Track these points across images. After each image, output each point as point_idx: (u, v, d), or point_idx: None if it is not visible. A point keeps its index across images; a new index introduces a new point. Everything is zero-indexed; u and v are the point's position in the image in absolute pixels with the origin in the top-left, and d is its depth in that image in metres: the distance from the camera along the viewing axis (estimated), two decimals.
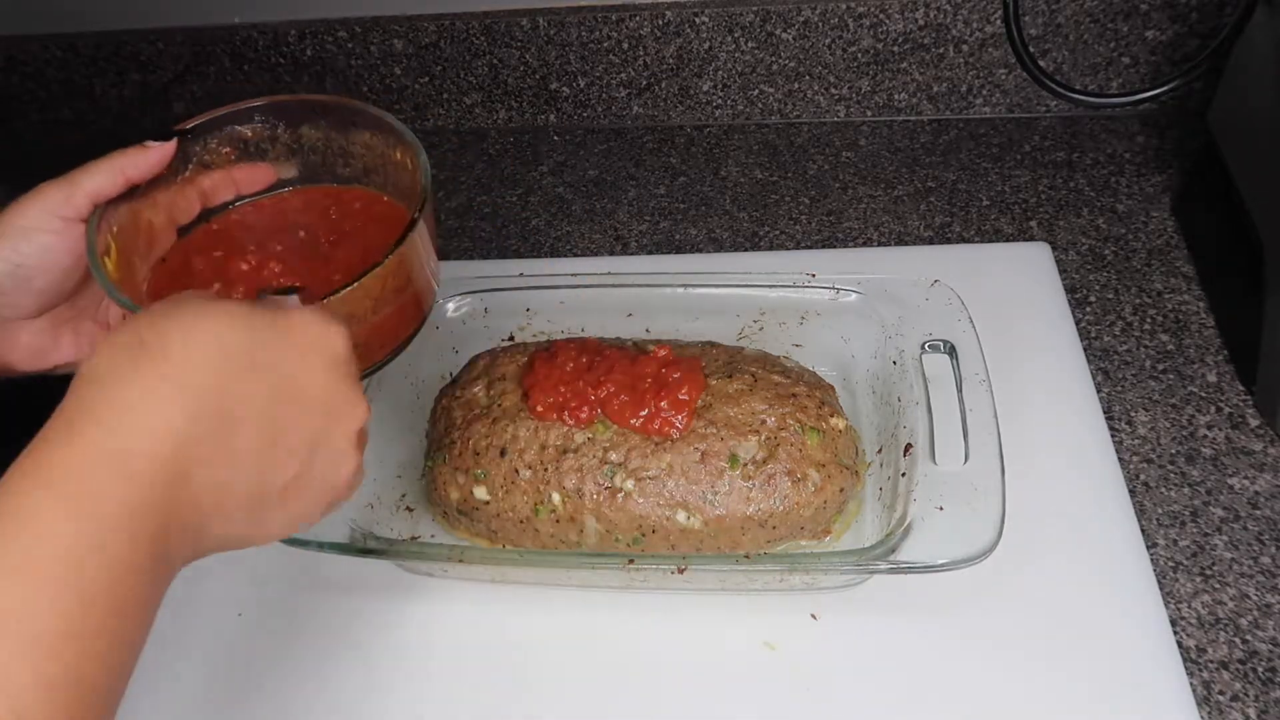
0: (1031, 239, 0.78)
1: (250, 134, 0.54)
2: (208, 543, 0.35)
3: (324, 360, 0.38)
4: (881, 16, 0.86)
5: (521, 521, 0.56)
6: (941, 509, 0.50)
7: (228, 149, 0.53)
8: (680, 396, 0.56)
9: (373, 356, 0.49)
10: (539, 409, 0.57)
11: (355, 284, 0.44)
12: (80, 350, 0.50)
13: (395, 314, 0.48)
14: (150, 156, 0.48)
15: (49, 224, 0.45)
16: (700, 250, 0.83)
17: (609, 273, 0.66)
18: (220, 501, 0.35)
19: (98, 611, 0.30)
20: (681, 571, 0.52)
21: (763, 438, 0.55)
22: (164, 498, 0.32)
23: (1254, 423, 0.63)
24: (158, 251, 0.52)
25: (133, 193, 0.48)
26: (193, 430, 0.33)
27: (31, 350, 0.48)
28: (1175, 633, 0.53)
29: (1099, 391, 0.65)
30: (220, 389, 0.34)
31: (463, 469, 0.57)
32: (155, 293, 0.50)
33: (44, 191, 0.46)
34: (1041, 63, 0.86)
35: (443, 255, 0.53)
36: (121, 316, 0.52)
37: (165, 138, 0.49)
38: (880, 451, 0.59)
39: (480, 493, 0.57)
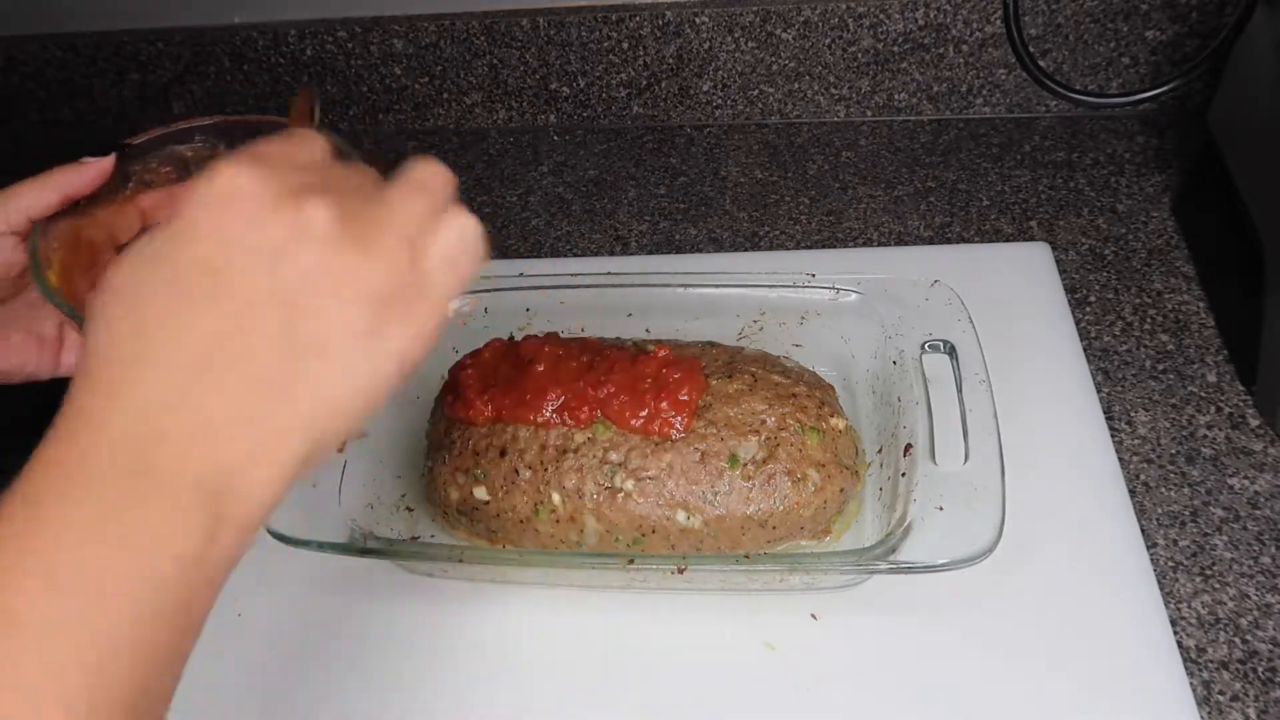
0: (1031, 239, 0.78)
1: (190, 154, 0.53)
2: (239, 461, 0.30)
3: (220, 206, 0.31)
4: (881, 16, 0.86)
5: (521, 522, 0.56)
6: (941, 509, 0.50)
7: (168, 169, 0.53)
8: (681, 397, 0.55)
9: None
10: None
11: None
12: (7, 362, 0.50)
13: None
14: (87, 173, 0.48)
15: None
16: (700, 250, 0.83)
17: (609, 273, 0.66)
18: (202, 406, 0.29)
19: (154, 621, 0.28)
20: (681, 571, 0.52)
21: (763, 438, 0.55)
22: (141, 444, 0.29)
23: (1254, 423, 0.63)
24: (100, 268, 0.51)
25: (74, 209, 0.48)
26: (118, 353, 0.29)
27: None
28: (1175, 633, 0.53)
29: (1099, 391, 0.65)
30: (124, 300, 0.30)
31: (463, 469, 0.57)
32: None
33: None
34: (1041, 63, 0.86)
35: None
36: (59, 327, 0.52)
37: (104, 154, 0.48)
38: (880, 451, 0.59)
39: (480, 493, 0.57)
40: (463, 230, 0.34)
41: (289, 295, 0.30)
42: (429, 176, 0.34)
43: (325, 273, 0.30)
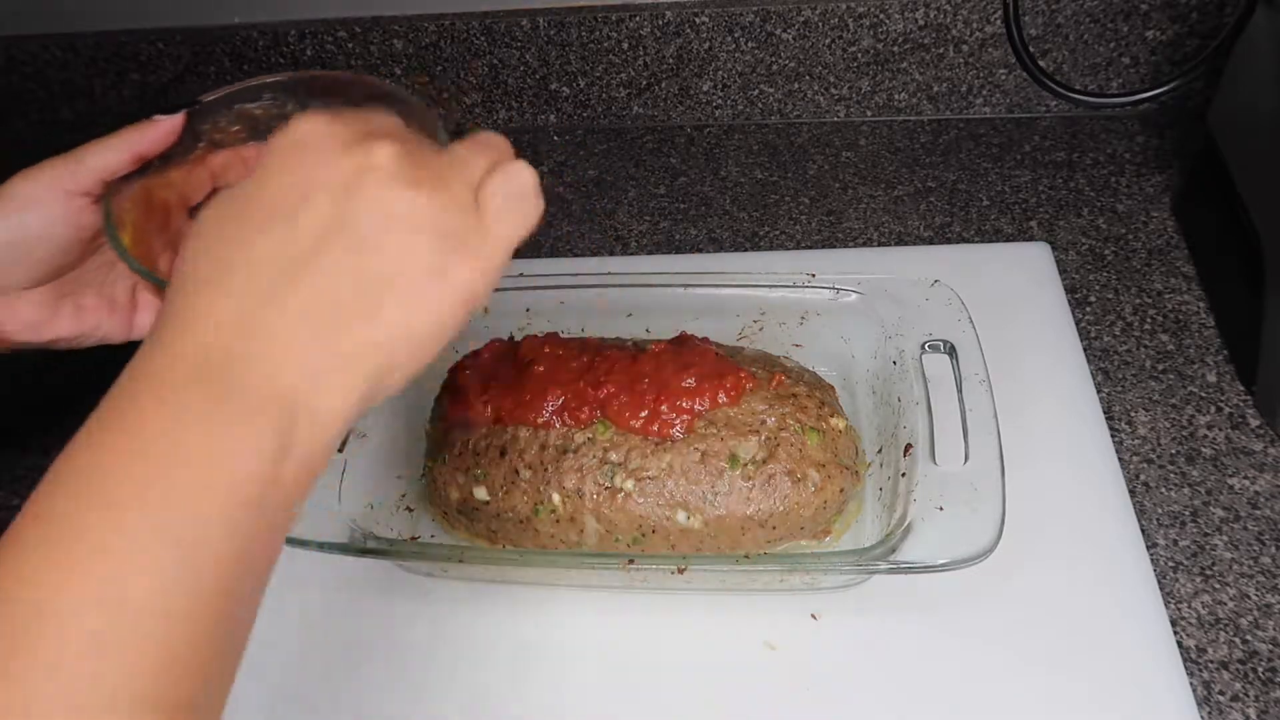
0: (1031, 239, 0.78)
1: (260, 112, 0.53)
2: (308, 382, 0.30)
3: (293, 151, 0.33)
4: (881, 16, 0.86)
5: (521, 522, 0.56)
6: (941, 509, 0.50)
7: (238, 128, 0.53)
8: (683, 404, 0.56)
9: None
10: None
11: None
12: (81, 325, 0.50)
13: None
14: (157, 131, 0.48)
15: (53, 195, 0.46)
16: (700, 250, 0.83)
17: (609, 273, 0.66)
18: (272, 332, 0.30)
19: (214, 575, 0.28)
20: (681, 572, 0.52)
21: (763, 438, 0.55)
22: (219, 366, 0.30)
23: (1254, 423, 0.63)
24: (173, 230, 0.51)
25: (145, 170, 0.49)
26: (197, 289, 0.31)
27: (30, 323, 0.49)
28: (1175, 633, 0.53)
29: (1099, 391, 0.65)
30: (204, 234, 0.32)
31: (463, 469, 0.57)
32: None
33: (50, 164, 0.47)
34: (1041, 63, 0.86)
35: None
36: (131, 291, 0.52)
37: (173, 112, 0.49)
38: (880, 451, 0.59)
39: (480, 493, 0.57)
40: (522, 177, 0.35)
41: (358, 228, 0.31)
42: (490, 137, 0.37)
43: (393, 208, 0.32)
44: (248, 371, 0.30)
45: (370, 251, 0.31)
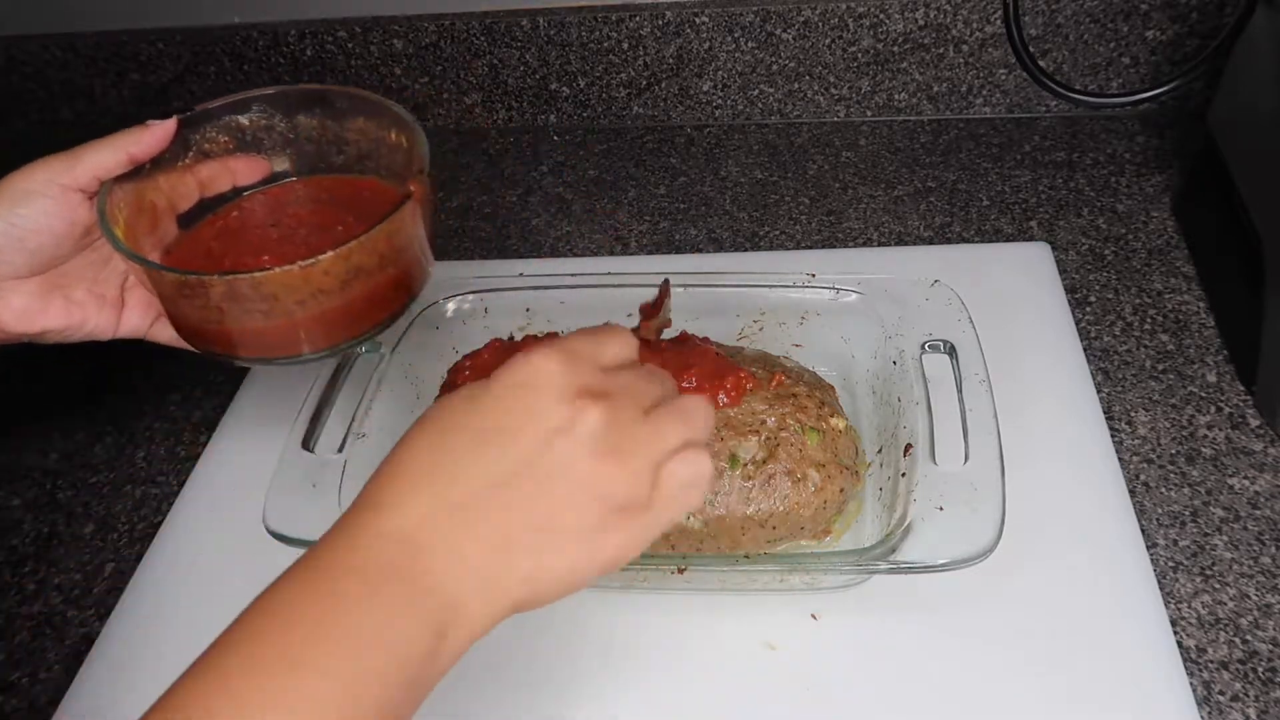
0: (1031, 239, 0.78)
1: (248, 123, 0.55)
2: (498, 601, 0.35)
3: (519, 387, 0.37)
4: (881, 16, 0.86)
5: None
6: (941, 509, 0.50)
7: (225, 138, 0.55)
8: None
9: (349, 331, 0.51)
10: None
11: (327, 254, 0.46)
12: (70, 317, 0.52)
13: (378, 288, 0.50)
14: (151, 135, 0.50)
15: (49, 190, 0.49)
16: (700, 250, 0.83)
17: (609, 273, 0.66)
18: (459, 548, 0.35)
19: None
20: (681, 571, 0.52)
21: (763, 438, 0.55)
22: (408, 560, 0.34)
23: (1254, 423, 0.63)
24: (160, 235, 0.54)
25: (137, 173, 0.51)
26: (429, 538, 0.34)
27: (21, 312, 0.50)
28: (1175, 633, 0.53)
29: (1099, 391, 0.65)
30: (425, 445, 0.36)
31: None
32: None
33: (48, 161, 0.49)
34: (1041, 63, 0.86)
35: (443, 255, 0.53)
36: (120, 289, 0.54)
37: (166, 118, 0.51)
38: (880, 451, 0.59)
39: None
40: (703, 468, 0.38)
41: (548, 477, 0.35)
42: (694, 410, 0.39)
43: (581, 470, 0.36)
44: (422, 568, 0.34)
45: (551, 501, 0.35)
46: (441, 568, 0.34)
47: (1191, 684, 0.51)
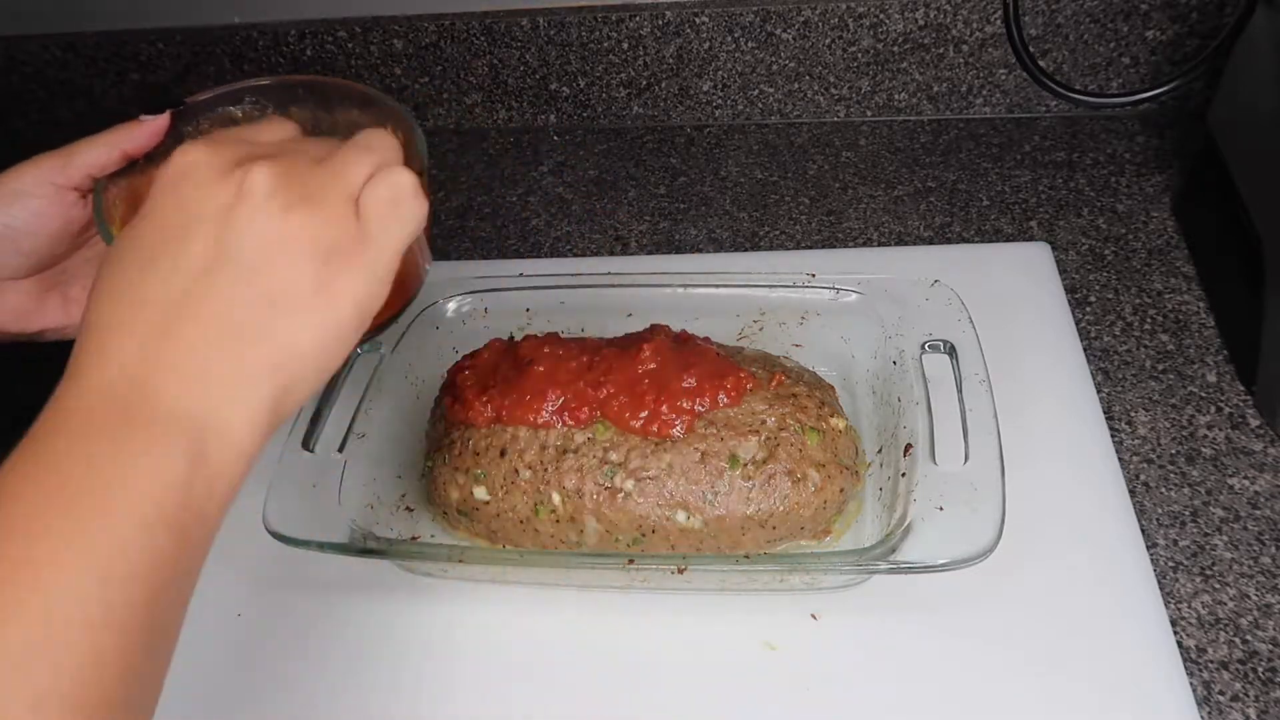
0: (1031, 239, 0.78)
1: (240, 114, 0.54)
2: (212, 404, 0.33)
3: (176, 181, 0.35)
4: (881, 16, 0.86)
5: (521, 522, 0.56)
6: (941, 509, 0.50)
7: (218, 130, 0.54)
8: (683, 404, 0.56)
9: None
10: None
11: None
12: (67, 316, 0.52)
13: None
14: (144, 131, 0.50)
15: (42, 189, 0.48)
16: (700, 250, 0.83)
17: (609, 273, 0.66)
18: (177, 354, 0.33)
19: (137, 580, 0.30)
20: (681, 572, 0.52)
21: (763, 438, 0.55)
22: (124, 398, 0.32)
23: (1254, 423, 0.63)
24: None
25: (131, 169, 0.50)
26: (101, 322, 0.33)
27: (17, 312, 0.50)
28: (1175, 633, 0.53)
29: (1099, 391, 0.65)
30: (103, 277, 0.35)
31: (463, 469, 0.57)
32: None
33: (41, 160, 0.48)
34: (1041, 63, 0.86)
35: (442, 255, 0.53)
36: None
37: (159, 113, 0.50)
38: (880, 451, 0.59)
39: (480, 493, 0.57)
40: (399, 181, 0.37)
41: (240, 255, 0.34)
42: (374, 139, 0.38)
43: (270, 233, 0.34)
44: (153, 401, 0.32)
45: (255, 276, 0.34)
46: (172, 392, 0.32)
47: (1191, 684, 0.51)
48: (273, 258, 0.34)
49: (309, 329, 0.34)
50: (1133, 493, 0.60)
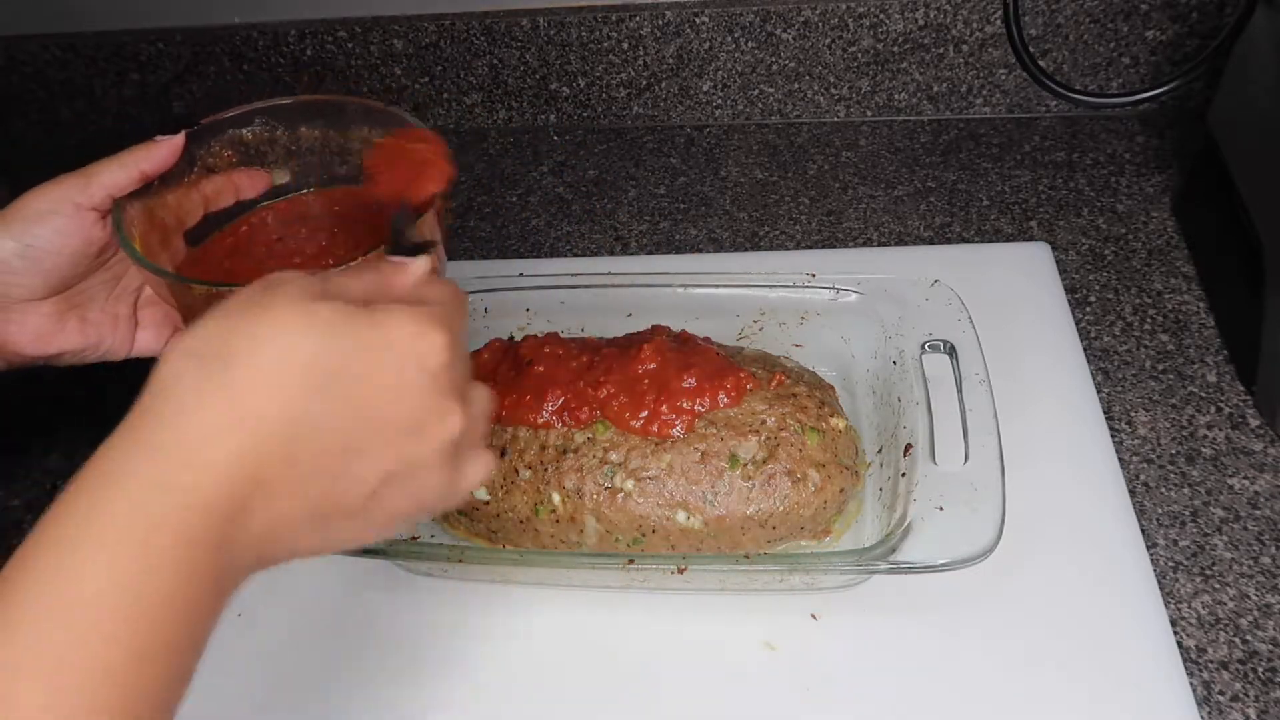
0: (1031, 239, 0.78)
1: (250, 137, 0.55)
2: (271, 558, 0.35)
3: (416, 374, 0.34)
4: (881, 16, 0.86)
5: (521, 522, 0.56)
6: (941, 509, 0.50)
7: (229, 152, 0.55)
8: (683, 405, 0.56)
9: None
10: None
11: (356, 263, 0.44)
12: (85, 338, 0.52)
13: None
14: (160, 151, 0.50)
15: (63, 209, 0.48)
16: (700, 250, 0.83)
17: (609, 273, 0.66)
18: (278, 528, 0.34)
19: (153, 639, 0.30)
20: (681, 572, 0.52)
21: (763, 438, 0.55)
22: (221, 528, 0.31)
23: (1254, 423, 0.63)
24: (172, 251, 0.53)
25: (146, 190, 0.51)
26: (257, 463, 0.32)
27: (37, 334, 0.50)
28: (1175, 633, 0.53)
29: (1099, 391, 0.65)
30: (289, 417, 0.32)
31: None
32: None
33: (62, 180, 0.49)
34: (1041, 63, 0.86)
35: None
36: (133, 307, 0.54)
37: (172, 133, 0.51)
38: (880, 451, 0.59)
39: (480, 493, 0.57)
40: (488, 468, 0.40)
41: (414, 490, 0.36)
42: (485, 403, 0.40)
43: (444, 484, 0.37)
44: (237, 551, 0.33)
45: (397, 508, 0.36)
46: (255, 555, 0.34)
47: (1191, 684, 0.51)
48: (424, 503, 0.37)
49: (360, 538, 0.37)
50: (1133, 493, 0.60)
